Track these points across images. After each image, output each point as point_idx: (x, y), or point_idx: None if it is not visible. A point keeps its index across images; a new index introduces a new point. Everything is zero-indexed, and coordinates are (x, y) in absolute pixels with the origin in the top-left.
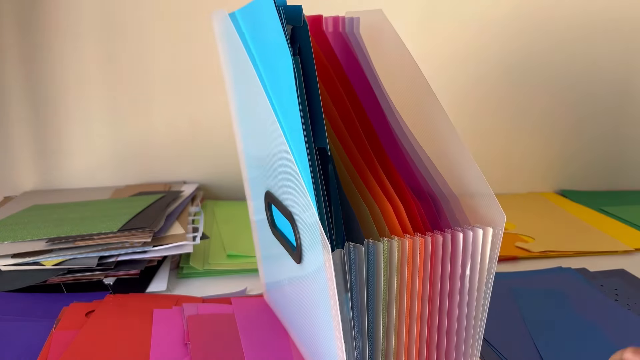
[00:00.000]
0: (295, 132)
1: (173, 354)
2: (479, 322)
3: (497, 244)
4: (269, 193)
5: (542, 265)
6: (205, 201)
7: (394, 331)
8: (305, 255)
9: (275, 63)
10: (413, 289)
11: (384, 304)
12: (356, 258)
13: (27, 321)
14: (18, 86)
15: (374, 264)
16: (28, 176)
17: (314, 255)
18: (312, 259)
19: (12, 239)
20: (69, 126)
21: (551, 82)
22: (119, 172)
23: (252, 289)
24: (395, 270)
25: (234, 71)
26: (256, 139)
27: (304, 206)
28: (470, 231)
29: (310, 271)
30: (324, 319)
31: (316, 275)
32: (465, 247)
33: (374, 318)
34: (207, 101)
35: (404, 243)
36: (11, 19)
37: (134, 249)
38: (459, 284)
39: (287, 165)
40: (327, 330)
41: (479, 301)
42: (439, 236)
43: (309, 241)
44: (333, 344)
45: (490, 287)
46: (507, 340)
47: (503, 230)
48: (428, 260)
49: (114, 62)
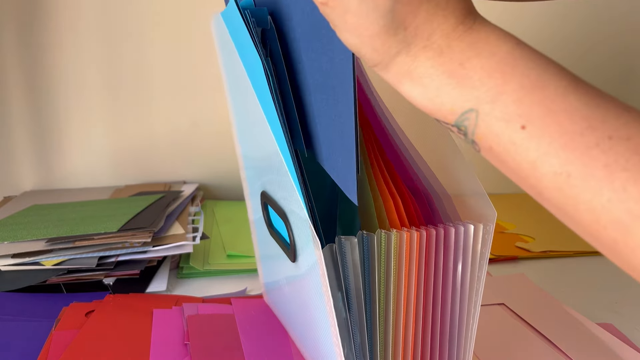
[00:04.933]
0: (279, 134)
1: (173, 354)
2: (471, 318)
3: (488, 240)
4: (265, 193)
5: (542, 265)
6: (205, 201)
7: (392, 325)
8: (299, 254)
9: (252, 66)
10: (410, 282)
11: (381, 297)
12: (348, 251)
13: (27, 321)
14: (18, 86)
15: (368, 256)
16: (28, 176)
17: (307, 253)
18: (306, 257)
19: (12, 239)
20: (69, 126)
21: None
22: (118, 172)
23: (252, 289)
24: (392, 262)
25: (229, 73)
26: (251, 140)
27: (295, 205)
28: (461, 226)
29: (305, 269)
30: (321, 316)
31: (310, 273)
32: (457, 242)
33: (370, 312)
34: (207, 101)
35: (401, 235)
36: (11, 19)
37: (134, 249)
38: (451, 278)
39: (279, 166)
40: (324, 328)
41: (471, 297)
42: (432, 230)
43: (302, 239)
44: (330, 340)
45: (482, 284)
46: None
47: (494, 226)
48: (423, 253)
49: (114, 63)
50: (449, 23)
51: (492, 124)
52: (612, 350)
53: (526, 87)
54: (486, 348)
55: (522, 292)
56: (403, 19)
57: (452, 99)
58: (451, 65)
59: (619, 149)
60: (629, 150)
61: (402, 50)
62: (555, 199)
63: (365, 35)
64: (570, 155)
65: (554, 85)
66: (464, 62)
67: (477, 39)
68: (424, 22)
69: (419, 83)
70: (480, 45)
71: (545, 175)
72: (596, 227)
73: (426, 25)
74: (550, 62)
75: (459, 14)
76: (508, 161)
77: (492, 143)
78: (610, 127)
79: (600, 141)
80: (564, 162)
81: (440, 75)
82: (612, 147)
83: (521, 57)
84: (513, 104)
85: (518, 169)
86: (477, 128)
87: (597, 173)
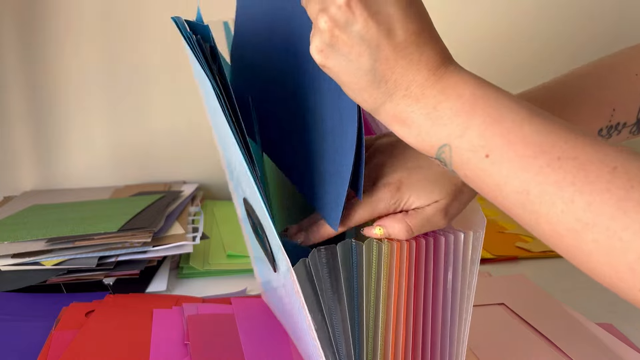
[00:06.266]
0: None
1: (173, 354)
2: (462, 325)
3: (478, 247)
4: (246, 200)
5: (542, 265)
6: (205, 201)
7: (381, 335)
8: (278, 266)
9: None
10: (400, 292)
11: (368, 305)
12: (330, 261)
13: (27, 321)
14: (18, 86)
15: (356, 265)
16: (28, 176)
17: (282, 266)
18: (283, 270)
19: (12, 239)
20: (69, 126)
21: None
22: (118, 172)
23: (252, 289)
24: (383, 272)
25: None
26: (225, 148)
27: (264, 220)
28: (451, 235)
29: (284, 280)
30: (303, 326)
31: (288, 285)
32: (447, 250)
33: (356, 321)
34: None
35: (392, 245)
36: (11, 19)
37: (134, 249)
38: (442, 286)
39: (246, 176)
40: (308, 337)
41: (462, 304)
42: (422, 240)
43: (277, 252)
44: (316, 351)
45: (473, 290)
46: None
47: (484, 233)
48: (413, 262)
49: (114, 63)
50: (422, 75)
51: (463, 155)
52: (612, 350)
53: (487, 122)
54: (486, 348)
55: (522, 292)
56: (383, 74)
57: (430, 136)
58: (426, 109)
59: (567, 167)
60: (575, 167)
61: (387, 100)
62: (520, 214)
63: (356, 90)
64: (526, 175)
65: (511, 118)
66: (436, 106)
67: (446, 86)
68: (401, 76)
69: (404, 124)
70: (448, 91)
71: (510, 195)
72: (556, 236)
73: (403, 78)
74: (510, 98)
75: (431, 66)
76: (481, 185)
77: (466, 171)
78: (559, 150)
79: (551, 162)
80: (522, 182)
81: (419, 118)
82: (561, 166)
83: (483, 96)
84: (477, 137)
85: (489, 190)
86: (452, 159)
87: (550, 189)
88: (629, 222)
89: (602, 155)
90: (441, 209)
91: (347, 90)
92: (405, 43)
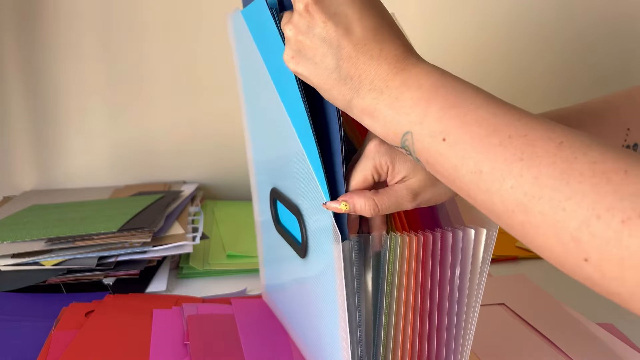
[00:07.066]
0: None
1: (173, 354)
2: (469, 322)
3: (491, 245)
4: (275, 190)
5: (542, 265)
6: (205, 201)
7: (393, 322)
8: (310, 249)
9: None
10: (409, 284)
11: (386, 296)
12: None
13: (27, 321)
14: (18, 86)
15: (385, 255)
16: (28, 176)
17: (320, 248)
18: (319, 252)
19: (11, 239)
20: (69, 126)
21: (549, 84)
22: (118, 172)
23: (252, 289)
24: (397, 264)
25: (247, 73)
26: (267, 140)
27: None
28: (459, 231)
29: (315, 264)
30: (329, 312)
31: (322, 268)
32: (454, 247)
33: (379, 310)
34: (206, 101)
35: (403, 239)
36: (11, 19)
37: (134, 249)
38: (448, 282)
39: (300, 165)
40: (330, 324)
41: (470, 303)
42: (429, 234)
43: (316, 234)
44: (336, 335)
45: (481, 289)
46: None
47: (497, 232)
48: (420, 256)
49: (114, 63)
50: (383, 69)
51: (423, 141)
52: (612, 350)
53: (445, 108)
54: (486, 348)
55: (522, 292)
56: (347, 71)
57: (393, 125)
58: (390, 100)
59: (517, 144)
60: (524, 144)
61: (355, 95)
62: (476, 195)
63: (327, 90)
64: (480, 155)
65: (468, 103)
66: (398, 96)
67: (408, 77)
68: (364, 72)
69: (372, 117)
70: (410, 82)
71: (465, 176)
72: (508, 215)
73: (366, 73)
74: (468, 86)
75: (391, 60)
76: (440, 170)
77: (427, 157)
78: (511, 129)
79: (502, 140)
80: (476, 161)
81: (384, 109)
82: (512, 143)
83: (442, 85)
84: (435, 122)
85: (447, 174)
86: (414, 146)
87: (500, 165)
88: (571, 192)
89: (550, 133)
90: (412, 189)
91: (321, 92)
92: (365, 40)
